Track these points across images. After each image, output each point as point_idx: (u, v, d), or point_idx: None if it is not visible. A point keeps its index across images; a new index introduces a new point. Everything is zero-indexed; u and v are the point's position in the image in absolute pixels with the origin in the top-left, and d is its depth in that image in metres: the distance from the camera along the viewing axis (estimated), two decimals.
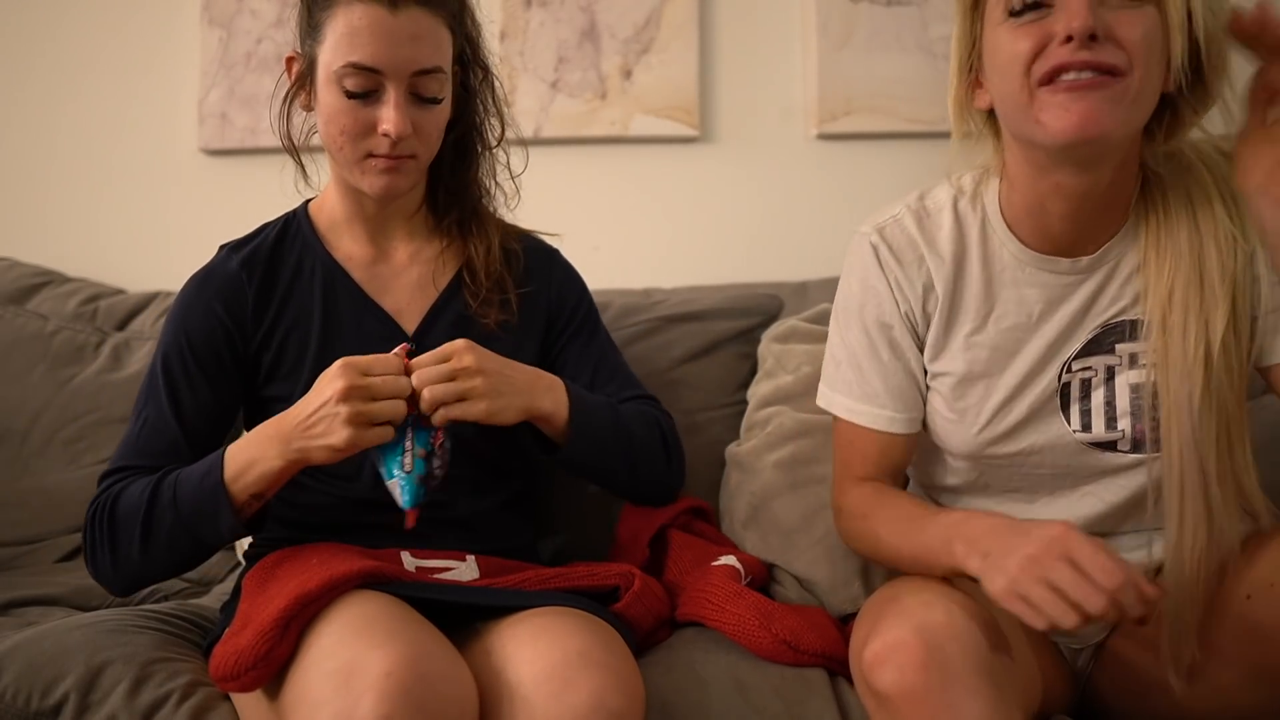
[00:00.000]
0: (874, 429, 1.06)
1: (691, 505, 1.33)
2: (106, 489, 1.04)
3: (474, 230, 1.18)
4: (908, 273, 1.04)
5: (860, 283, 1.06)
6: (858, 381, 1.07)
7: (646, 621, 1.06)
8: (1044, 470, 1.03)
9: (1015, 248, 1.00)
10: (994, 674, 0.83)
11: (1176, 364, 0.92)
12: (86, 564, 1.05)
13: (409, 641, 0.83)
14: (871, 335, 1.06)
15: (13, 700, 0.94)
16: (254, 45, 1.81)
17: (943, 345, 1.04)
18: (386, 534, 1.08)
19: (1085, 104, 0.85)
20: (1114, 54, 0.84)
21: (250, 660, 0.86)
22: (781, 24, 1.84)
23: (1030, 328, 1.01)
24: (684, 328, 1.53)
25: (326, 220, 1.17)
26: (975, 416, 1.03)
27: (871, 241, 1.05)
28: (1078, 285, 0.99)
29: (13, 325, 1.58)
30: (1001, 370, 1.02)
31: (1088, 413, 1.00)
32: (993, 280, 1.02)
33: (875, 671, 0.83)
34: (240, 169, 1.83)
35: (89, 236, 1.83)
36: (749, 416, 1.43)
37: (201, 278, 1.13)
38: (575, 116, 1.81)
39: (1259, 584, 0.91)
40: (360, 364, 0.95)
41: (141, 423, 1.08)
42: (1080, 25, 0.83)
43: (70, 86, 1.85)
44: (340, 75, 1.02)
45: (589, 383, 1.21)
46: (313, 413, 0.95)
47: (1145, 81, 0.86)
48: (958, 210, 1.03)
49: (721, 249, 1.83)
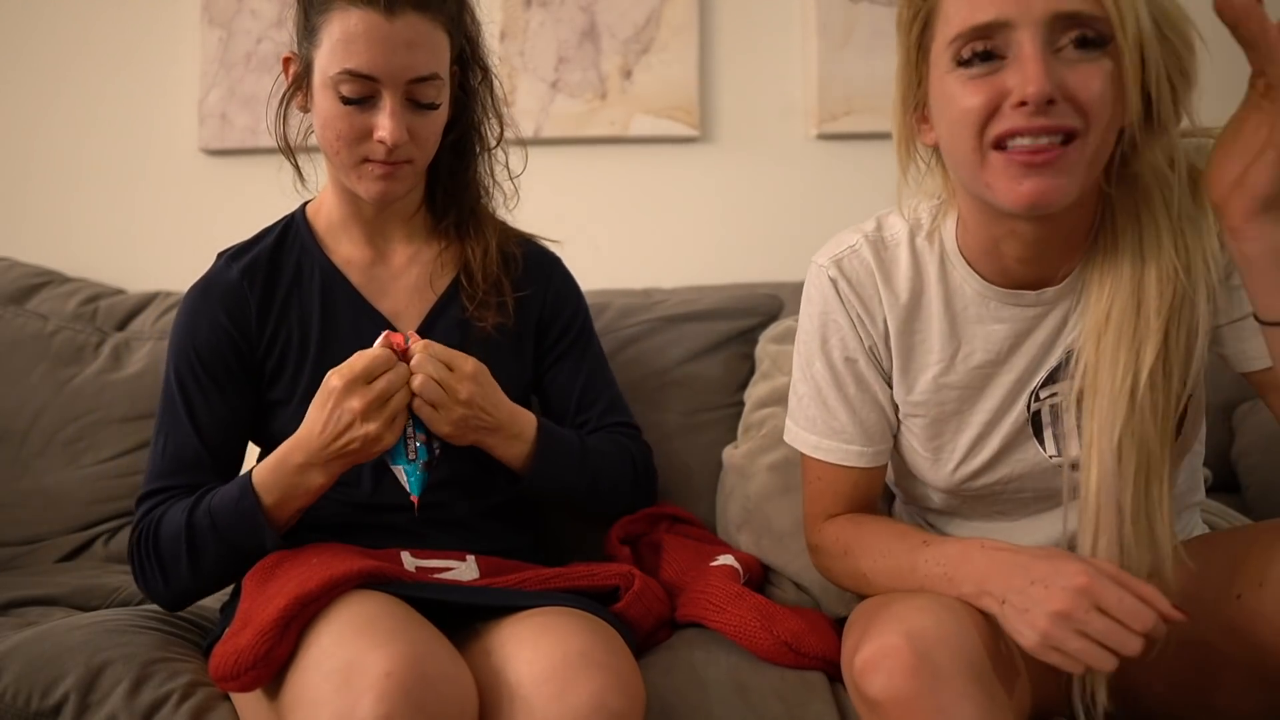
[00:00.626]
0: (843, 465, 1.04)
1: (672, 513, 1.32)
2: (146, 514, 1.06)
3: (471, 232, 1.17)
4: (868, 306, 1.01)
5: (821, 316, 1.03)
6: (823, 418, 1.04)
7: (646, 622, 1.06)
8: (1026, 494, 1.02)
9: (977, 284, 0.96)
10: (984, 678, 0.82)
11: (1105, 392, 0.88)
12: (137, 583, 1.07)
13: (409, 642, 0.83)
14: (837, 369, 1.03)
15: (13, 700, 0.94)
16: (254, 45, 1.81)
17: (906, 383, 1.02)
18: (387, 535, 1.08)
19: (1037, 179, 0.81)
20: (1070, 116, 0.80)
21: (250, 660, 0.86)
22: (781, 24, 1.84)
23: (999, 363, 0.98)
24: (684, 328, 1.53)
25: (324, 223, 1.16)
26: (950, 454, 1.02)
27: (830, 275, 1.01)
28: (1044, 315, 0.96)
29: (13, 325, 1.58)
30: (972, 407, 1.00)
31: (1061, 436, 0.97)
32: (956, 319, 0.98)
33: (866, 677, 0.83)
34: (240, 169, 1.83)
35: (89, 236, 1.83)
36: (745, 418, 1.42)
37: (202, 288, 1.13)
38: (575, 116, 1.81)
39: (1249, 583, 0.90)
40: (359, 374, 0.96)
41: (164, 440, 1.09)
42: (1035, 91, 0.78)
43: (70, 86, 1.85)
44: (336, 81, 1.02)
45: (575, 403, 1.21)
46: (339, 435, 0.97)
47: (1102, 137, 0.82)
48: (915, 246, 1.00)
49: (721, 249, 1.83)
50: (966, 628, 0.84)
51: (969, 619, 0.85)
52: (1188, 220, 0.87)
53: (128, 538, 1.07)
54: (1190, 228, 0.87)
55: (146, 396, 1.51)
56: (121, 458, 1.50)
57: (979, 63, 0.82)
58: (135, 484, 1.48)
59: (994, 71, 0.82)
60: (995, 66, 0.82)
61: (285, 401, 1.10)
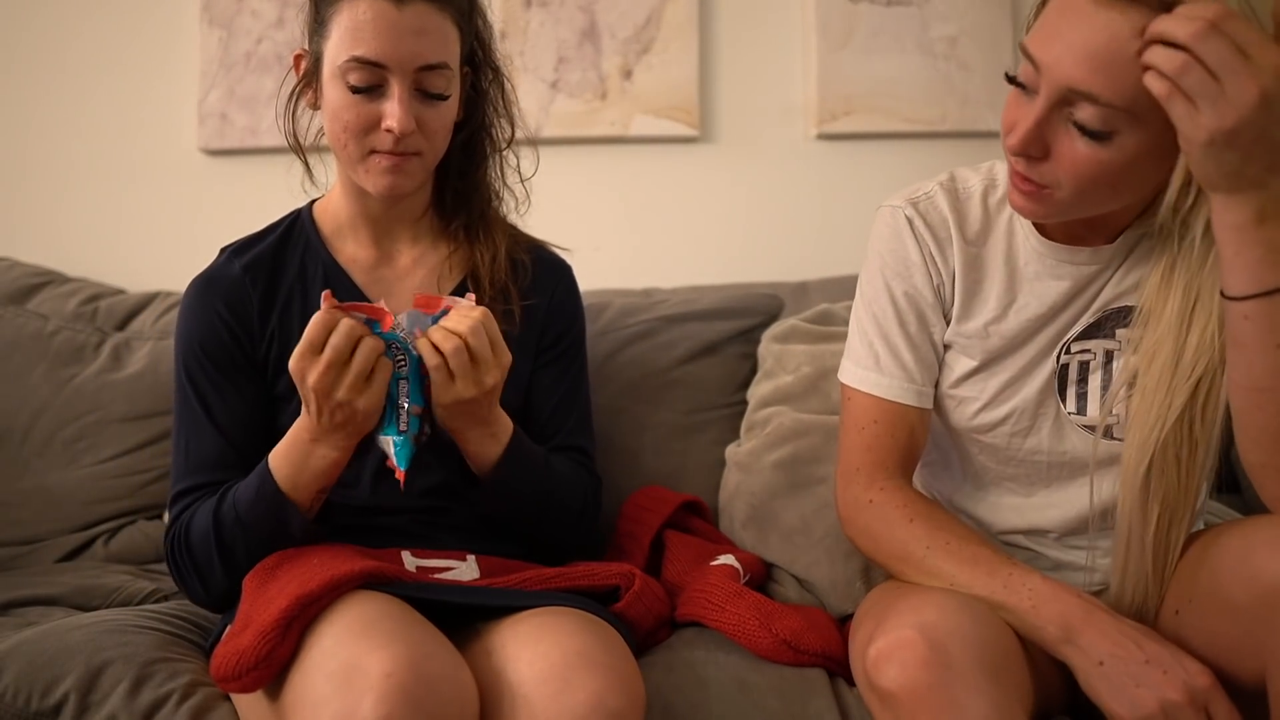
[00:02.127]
0: (901, 403, 1.03)
1: (687, 500, 1.33)
2: (176, 519, 1.05)
3: (481, 236, 1.16)
4: (942, 248, 1.03)
5: (892, 254, 1.04)
6: (886, 354, 1.04)
7: (647, 621, 1.06)
8: (1040, 457, 1.04)
9: (1037, 241, 1.00)
10: (997, 672, 0.83)
11: (1163, 363, 0.92)
12: (178, 587, 1.07)
13: (410, 643, 0.83)
14: (900, 307, 1.04)
15: (13, 700, 0.94)
16: (254, 45, 1.81)
17: (960, 328, 1.04)
18: (387, 535, 1.08)
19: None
20: (1044, 175, 0.88)
21: (252, 661, 0.86)
22: (781, 24, 1.84)
23: (1049, 317, 1.01)
24: (684, 328, 1.53)
25: (331, 222, 1.16)
26: (979, 395, 1.04)
27: (906, 215, 1.04)
28: (1098, 274, 0.99)
29: (13, 325, 1.58)
30: (1011, 355, 1.02)
31: (1084, 396, 1.01)
32: (1016, 273, 1.02)
33: (879, 670, 0.84)
34: (240, 169, 1.83)
35: (89, 236, 1.83)
36: (749, 417, 1.43)
37: (203, 282, 1.12)
38: (575, 116, 1.81)
39: (1183, 599, 0.92)
40: (305, 349, 0.92)
41: (185, 440, 1.08)
42: (1015, 143, 0.87)
43: (70, 86, 1.85)
44: (344, 70, 1.02)
45: (548, 413, 1.18)
46: (320, 410, 0.94)
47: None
48: (988, 204, 1.04)
49: (721, 249, 1.83)
50: (979, 622, 0.84)
51: (981, 614, 0.86)
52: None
53: (163, 544, 1.07)
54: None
55: (146, 396, 1.51)
56: (121, 458, 1.50)
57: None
58: (135, 484, 1.49)
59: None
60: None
61: (288, 399, 1.10)
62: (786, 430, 1.34)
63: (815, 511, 1.25)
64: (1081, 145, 0.84)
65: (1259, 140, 0.76)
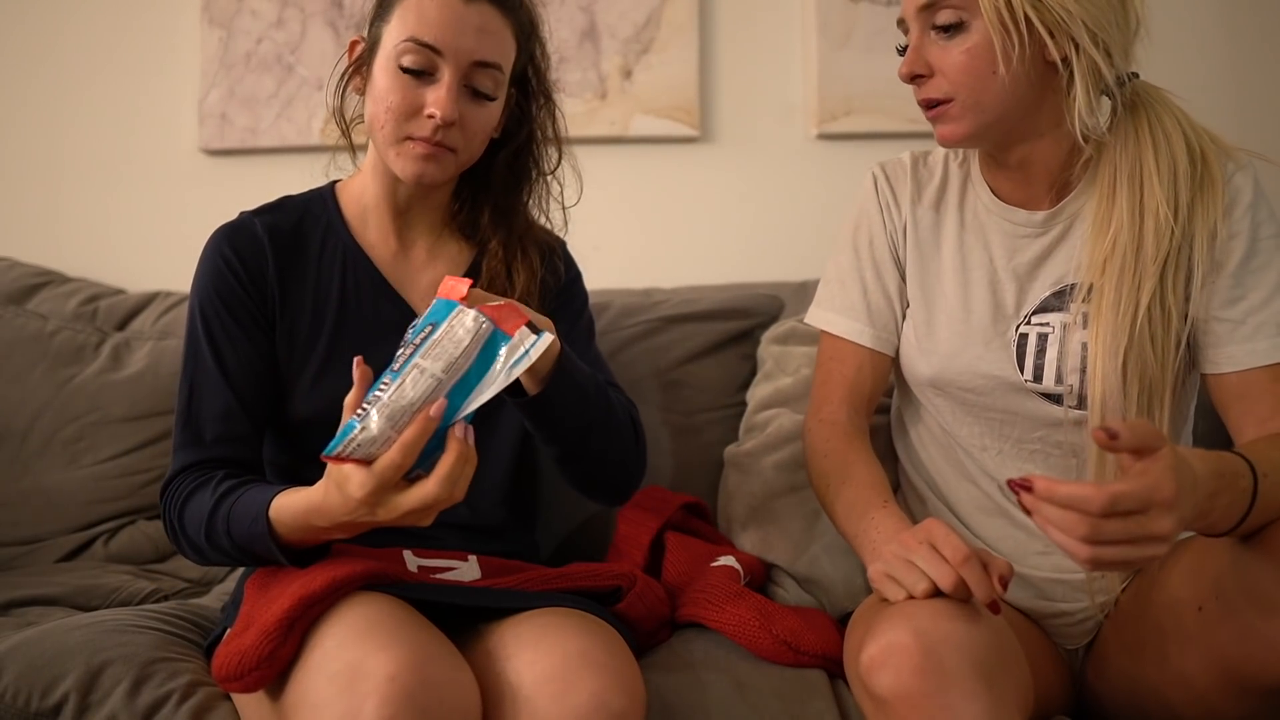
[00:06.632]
0: (849, 340, 1.14)
1: (687, 501, 1.33)
2: (176, 482, 1.02)
3: (518, 256, 1.15)
4: (899, 200, 1.15)
5: (858, 210, 1.18)
6: (840, 296, 1.16)
7: (647, 622, 1.06)
8: (995, 414, 1.08)
9: (987, 198, 1.10)
10: (991, 676, 0.83)
11: (1107, 325, 0.97)
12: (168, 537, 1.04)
13: (413, 645, 0.83)
14: (859, 253, 1.16)
15: (13, 700, 0.94)
16: (254, 45, 1.81)
17: (915, 276, 1.13)
18: (388, 535, 1.08)
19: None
20: (936, 88, 1.02)
21: (254, 661, 0.86)
22: (781, 24, 1.84)
23: (991, 270, 1.09)
24: (684, 328, 1.53)
25: (354, 204, 1.15)
26: (936, 347, 1.10)
27: (874, 174, 1.18)
28: (1034, 237, 1.07)
29: (13, 325, 1.58)
30: (961, 306, 1.09)
31: (1041, 366, 1.05)
32: (966, 226, 1.12)
33: (872, 675, 0.84)
34: (240, 169, 1.82)
35: (89, 236, 1.83)
36: (748, 419, 1.43)
37: (224, 234, 1.11)
38: (575, 116, 1.80)
39: (1208, 595, 0.92)
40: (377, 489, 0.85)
41: (190, 390, 1.06)
42: (904, 71, 1.04)
43: (70, 87, 1.85)
44: (400, 51, 1.03)
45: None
46: (378, 518, 0.87)
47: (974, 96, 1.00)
48: (947, 166, 1.15)
49: (721, 249, 1.83)
50: (973, 627, 0.84)
51: (976, 618, 0.86)
52: (1184, 179, 0.98)
53: (159, 495, 1.03)
54: (1186, 186, 0.98)
55: (146, 396, 1.52)
56: (121, 458, 1.50)
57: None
58: (135, 484, 1.49)
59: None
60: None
61: (295, 378, 1.09)
62: (786, 432, 1.34)
63: (815, 512, 1.25)
64: (950, 46, 0.99)
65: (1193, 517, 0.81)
